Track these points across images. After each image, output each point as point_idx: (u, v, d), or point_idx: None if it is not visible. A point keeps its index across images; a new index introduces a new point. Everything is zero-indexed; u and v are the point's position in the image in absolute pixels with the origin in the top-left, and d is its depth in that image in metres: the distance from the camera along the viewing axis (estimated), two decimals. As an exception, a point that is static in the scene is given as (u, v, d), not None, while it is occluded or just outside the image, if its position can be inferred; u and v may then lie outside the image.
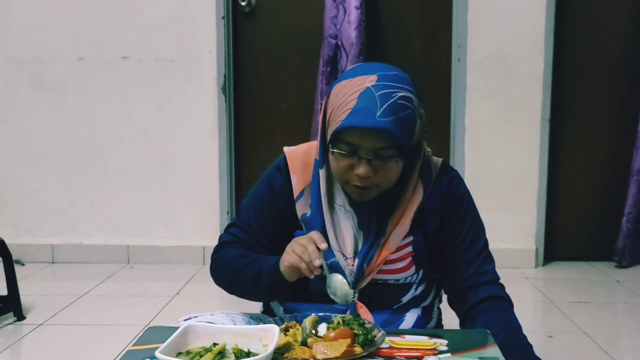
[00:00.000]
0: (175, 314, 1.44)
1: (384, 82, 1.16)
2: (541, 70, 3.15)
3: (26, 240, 3.32)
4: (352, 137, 1.16)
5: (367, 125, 1.13)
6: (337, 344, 1.00)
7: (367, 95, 1.14)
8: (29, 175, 3.32)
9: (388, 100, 1.14)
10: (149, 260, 3.28)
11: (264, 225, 1.33)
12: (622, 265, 3.24)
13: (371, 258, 1.25)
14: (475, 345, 1.08)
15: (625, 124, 3.30)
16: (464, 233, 1.30)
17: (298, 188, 1.31)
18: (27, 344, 2.26)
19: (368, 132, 1.14)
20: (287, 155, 1.34)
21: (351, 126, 1.14)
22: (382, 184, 1.21)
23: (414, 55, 3.29)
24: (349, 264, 1.26)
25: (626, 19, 3.25)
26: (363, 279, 1.26)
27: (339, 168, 1.21)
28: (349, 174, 1.19)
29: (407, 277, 1.29)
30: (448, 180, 1.31)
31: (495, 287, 1.30)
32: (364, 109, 1.13)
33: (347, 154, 1.18)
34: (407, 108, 1.17)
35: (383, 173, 1.19)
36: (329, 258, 1.26)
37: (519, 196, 3.23)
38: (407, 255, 1.28)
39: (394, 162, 1.18)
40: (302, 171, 1.32)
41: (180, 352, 0.96)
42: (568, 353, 2.18)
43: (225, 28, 3.21)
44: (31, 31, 3.23)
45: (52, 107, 3.27)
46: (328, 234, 1.26)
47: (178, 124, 3.26)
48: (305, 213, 1.29)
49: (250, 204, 1.36)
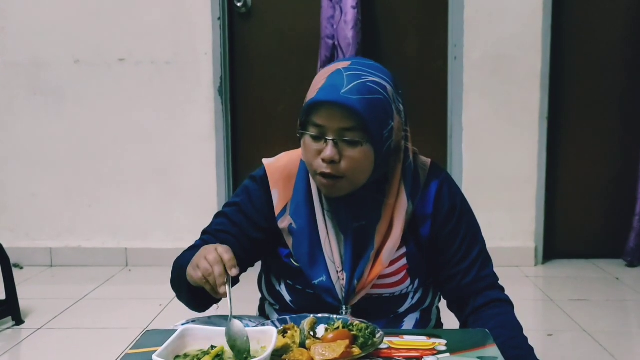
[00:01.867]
0: (174, 317, 1.43)
1: (356, 66, 1.16)
2: (539, 68, 3.15)
3: (25, 244, 3.32)
4: (319, 117, 1.14)
5: (331, 99, 1.11)
6: (336, 345, 1.00)
7: (335, 74, 1.14)
8: (27, 179, 3.31)
9: (356, 80, 1.13)
10: (147, 263, 3.27)
11: (236, 234, 1.27)
12: (633, 265, 3.23)
13: (362, 273, 1.21)
14: (474, 345, 1.07)
15: (624, 122, 3.30)
16: (459, 241, 1.25)
17: (280, 204, 1.26)
18: (25, 348, 2.26)
19: (334, 110, 1.12)
20: (267, 168, 1.29)
21: (316, 101, 1.13)
22: (349, 174, 1.15)
23: (410, 54, 3.29)
24: (340, 279, 1.21)
25: (623, 16, 3.25)
26: (355, 295, 1.22)
27: (308, 154, 1.17)
28: (317, 161, 1.15)
29: (403, 290, 1.26)
30: (437, 185, 1.26)
31: (495, 291, 1.27)
32: (330, 85, 1.13)
33: (314, 136, 1.15)
34: (378, 93, 1.14)
35: (350, 159, 1.13)
36: (317, 277, 1.21)
37: (518, 195, 3.23)
38: (402, 269, 1.24)
39: (362, 147, 1.13)
40: (284, 185, 1.27)
41: (178, 356, 0.96)
42: (568, 351, 2.17)
43: (221, 29, 3.20)
44: (28, 35, 3.22)
45: (49, 110, 3.27)
46: (323, 245, 1.22)
47: (175, 126, 3.25)
48: (291, 224, 1.24)
49: (226, 211, 1.30)
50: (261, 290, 1.39)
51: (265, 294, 1.36)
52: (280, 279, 1.31)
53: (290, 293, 1.29)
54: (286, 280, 1.29)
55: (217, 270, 1.03)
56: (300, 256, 1.23)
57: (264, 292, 1.38)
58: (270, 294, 1.34)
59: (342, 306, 1.22)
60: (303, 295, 1.27)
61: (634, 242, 3.21)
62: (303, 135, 1.18)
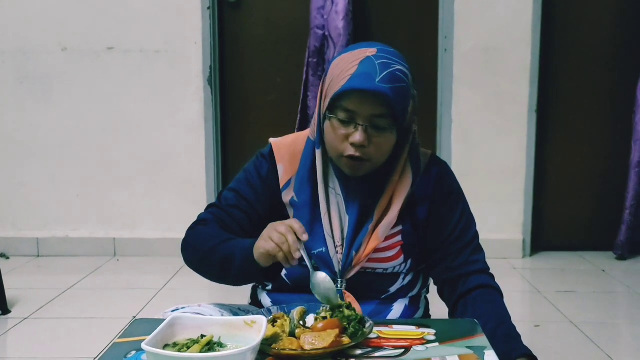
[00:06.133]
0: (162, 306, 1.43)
1: (383, 54, 1.19)
2: (528, 61, 3.16)
3: (11, 234, 3.29)
4: (350, 102, 1.17)
5: (367, 87, 1.14)
6: (325, 334, 1.00)
7: (367, 62, 1.17)
8: (14, 168, 3.28)
9: (387, 69, 1.16)
10: (135, 253, 3.26)
11: (246, 209, 1.31)
12: (623, 258, 3.26)
13: (359, 245, 1.25)
14: (463, 334, 1.08)
15: (614, 115, 3.32)
16: (454, 223, 1.30)
17: (285, 177, 1.30)
18: (12, 338, 2.24)
19: (367, 97, 1.15)
20: (273, 145, 1.34)
21: (351, 89, 1.16)
22: (374, 158, 1.20)
23: (400, 45, 3.23)
24: (338, 252, 1.25)
25: (614, 9, 3.27)
26: (351, 268, 1.26)
27: (335, 137, 1.20)
28: (344, 144, 1.19)
29: (396, 267, 1.29)
30: (438, 170, 1.31)
31: (485, 276, 1.30)
32: (364, 74, 1.15)
33: (344, 121, 1.18)
34: (403, 81, 1.19)
35: (377, 144, 1.19)
36: (316, 248, 1.25)
37: (506, 187, 3.24)
38: (396, 245, 1.28)
39: (389, 133, 1.19)
40: (290, 160, 1.31)
41: (167, 344, 0.96)
42: (555, 342, 2.19)
43: (211, 19, 3.18)
44: (14, 22, 3.19)
45: (36, 99, 3.23)
46: (323, 219, 1.26)
47: (164, 115, 3.23)
48: (293, 197, 1.29)
49: (234, 187, 1.34)
50: None
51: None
52: None
53: None
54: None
55: (290, 238, 1.11)
56: None
57: None
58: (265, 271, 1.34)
59: (338, 279, 1.25)
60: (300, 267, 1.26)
61: (625, 236, 3.23)
62: (330, 119, 1.20)
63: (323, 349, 0.97)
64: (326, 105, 1.21)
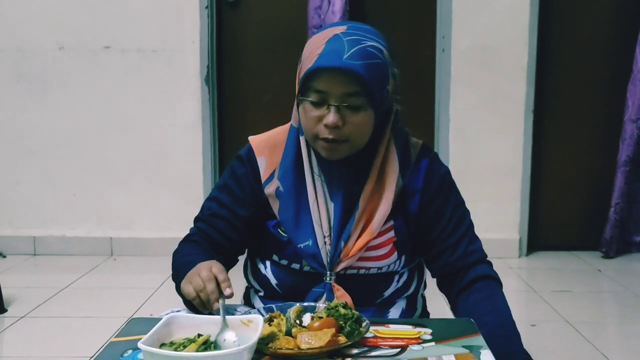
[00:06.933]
0: (159, 306, 1.43)
1: (353, 31, 1.16)
2: (525, 61, 3.16)
3: (8, 232, 3.29)
4: (321, 82, 1.14)
5: (334, 64, 1.11)
6: (322, 333, 1.00)
7: (334, 39, 1.14)
8: (11, 166, 3.28)
9: (356, 45, 1.13)
10: (132, 252, 3.26)
11: (226, 216, 1.29)
12: (609, 256, 3.27)
13: (348, 236, 1.22)
14: (459, 333, 1.08)
15: (610, 115, 3.32)
16: (447, 216, 1.27)
17: (268, 169, 1.27)
18: (8, 336, 2.24)
19: (336, 76, 1.12)
20: (251, 141, 1.31)
21: (318, 67, 1.12)
22: (352, 137, 1.16)
23: (398, 45, 3.26)
24: (326, 243, 1.22)
25: (610, 9, 3.28)
26: (340, 261, 1.22)
27: (308, 120, 1.17)
28: (318, 127, 1.16)
29: (390, 265, 1.26)
30: (428, 161, 1.27)
31: (485, 266, 1.28)
32: (331, 51, 1.12)
33: (316, 103, 1.15)
34: (377, 57, 1.15)
35: (354, 124, 1.15)
36: (304, 239, 1.22)
37: (503, 186, 3.25)
38: (389, 241, 1.25)
39: (364, 112, 1.15)
40: (271, 152, 1.28)
41: (163, 343, 0.96)
42: (551, 341, 2.20)
43: (208, 18, 3.18)
44: (12, 20, 3.18)
45: (33, 97, 3.23)
46: (311, 207, 1.23)
47: (161, 114, 3.23)
48: (278, 187, 1.25)
49: (213, 195, 1.32)
50: (246, 276, 1.39)
51: (251, 280, 1.36)
52: (265, 259, 1.31)
53: (276, 273, 1.29)
54: (272, 256, 1.29)
55: (209, 287, 1.05)
56: (286, 219, 1.24)
57: (249, 278, 1.37)
58: (256, 278, 1.34)
59: (327, 272, 1.22)
60: (288, 272, 1.27)
61: (609, 234, 3.25)
62: (302, 102, 1.18)
63: (319, 348, 0.97)
64: (297, 88, 1.18)
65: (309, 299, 1.23)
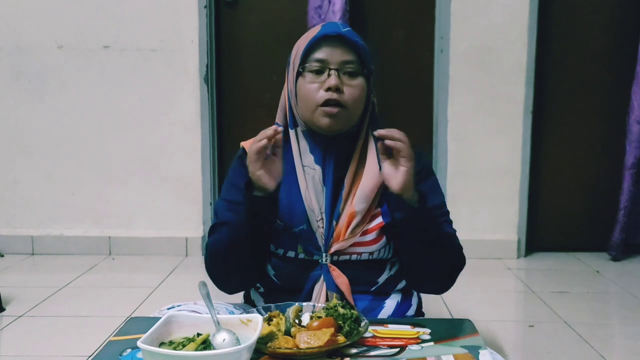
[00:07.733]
0: (158, 305, 1.43)
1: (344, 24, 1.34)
2: (524, 62, 3.16)
3: (6, 232, 3.28)
4: (320, 52, 1.28)
5: (334, 32, 1.27)
6: (321, 333, 1.00)
7: (329, 23, 1.32)
8: (9, 165, 3.28)
9: (349, 27, 1.31)
10: (131, 251, 3.26)
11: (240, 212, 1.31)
12: (617, 259, 3.26)
13: (339, 216, 1.28)
14: (457, 333, 1.08)
15: (609, 116, 3.33)
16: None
17: None
18: (6, 336, 2.24)
19: (336, 44, 1.27)
20: (243, 145, 1.39)
21: (321, 35, 1.27)
22: (350, 104, 1.27)
23: (397, 46, 3.29)
24: (319, 227, 1.28)
25: (610, 9, 3.28)
26: (334, 241, 1.28)
27: (309, 91, 1.28)
28: (319, 93, 1.26)
29: (380, 250, 1.31)
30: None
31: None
32: (329, 26, 1.29)
33: (317, 71, 1.27)
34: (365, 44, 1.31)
35: (350, 91, 1.27)
36: (298, 226, 1.28)
37: (501, 187, 3.25)
38: (377, 226, 1.30)
39: (360, 79, 1.28)
40: None
41: (163, 342, 0.96)
42: (549, 342, 2.20)
43: (207, 17, 3.18)
44: (10, 19, 3.18)
45: (32, 96, 3.23)
46: (303, 195, 1.29)
47: (160, 114, 3.23)
48: None
49: (223, 196, 1.38)
50: None
51: None
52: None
53: (273, 263, 1.32)
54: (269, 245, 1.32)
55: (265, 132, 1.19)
56: (281, 208, 1.29)
57: None
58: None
59: (323, 254, 1.29)
60: (284, 261, 1.31)
61: (619, 236, 3.24)
62: (302, 74, 1.29)
63: (318, 347, 0.98)
64: (297, 64, 1.29)
65: (307, 285, 1.26)
